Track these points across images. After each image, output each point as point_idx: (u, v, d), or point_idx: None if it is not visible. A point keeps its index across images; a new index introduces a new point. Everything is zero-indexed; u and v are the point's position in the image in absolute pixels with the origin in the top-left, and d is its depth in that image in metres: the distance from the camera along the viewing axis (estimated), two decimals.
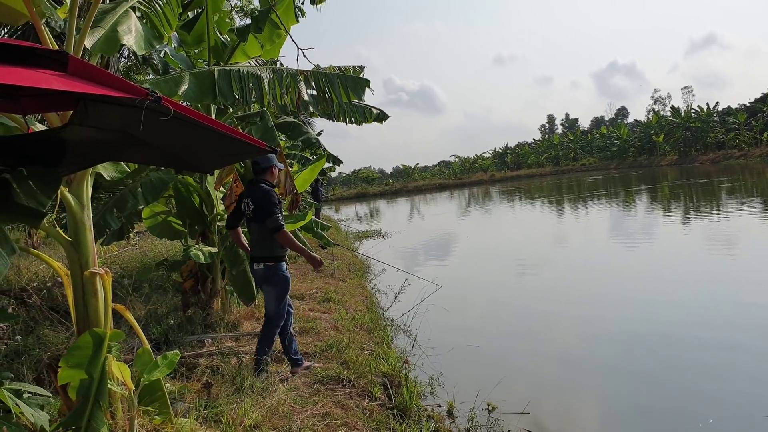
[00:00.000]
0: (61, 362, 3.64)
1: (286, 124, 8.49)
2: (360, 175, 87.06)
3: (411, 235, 22.51)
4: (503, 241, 19.02)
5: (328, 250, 14.42)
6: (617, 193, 33.17)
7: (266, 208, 5.29)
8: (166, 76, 5.26)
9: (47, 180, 3.39)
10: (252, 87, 5.38)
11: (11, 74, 2.19)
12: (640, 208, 24.21)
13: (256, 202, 5.36)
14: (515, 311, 9.58)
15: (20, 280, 8.22)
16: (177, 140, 2.98)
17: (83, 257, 4.07)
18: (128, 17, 4.59)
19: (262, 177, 5.54)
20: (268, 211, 5.26)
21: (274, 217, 5.23)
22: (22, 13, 3.58)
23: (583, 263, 13.28)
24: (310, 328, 7.13)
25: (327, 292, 9.53)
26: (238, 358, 5.86)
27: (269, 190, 5.40)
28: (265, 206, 5.29)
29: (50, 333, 5.95)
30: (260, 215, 5.31)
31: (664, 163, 65.64)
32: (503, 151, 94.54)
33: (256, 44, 7.28)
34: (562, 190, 43.50)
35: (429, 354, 7.09)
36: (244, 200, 5.52)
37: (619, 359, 6.84)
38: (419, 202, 49.90)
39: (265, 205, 5.30)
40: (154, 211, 7.26)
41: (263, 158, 5.46)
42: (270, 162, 5.51)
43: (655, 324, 7.88)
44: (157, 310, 7.53)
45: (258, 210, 5.33)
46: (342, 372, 5.54)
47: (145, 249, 12.40)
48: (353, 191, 75.51)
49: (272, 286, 5.38)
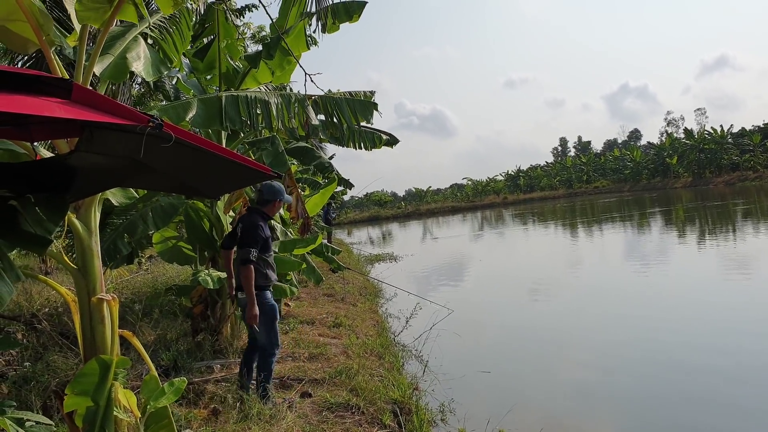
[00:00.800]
0: (67, 389, 3.62)
1: (298, 150, 8.52)
2: (372, 198, 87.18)
3: (423, 259, 22.43)
4: (516, 264, 18.89)
5: (339, 274, 14.40)
6: (631, 216, 32.90)
7: (245, 238, 5.27)
8: (175, 102, 5.29)
9: (54, 207, 3.39)
10: (260, 112, 5.39)
11: (15, 102, 2.20)
12: (654, 231, 23.99)
13: (243, 229, 5.36)
14: (528, 336, 9.45)
15: (31, 305, 8.24)
16: (182, 166, 2.97)
17: (91, 283, 4.06)
18: (137, 44, 4.64)
19: (262, 207, 5.53)
20: (246, 242, 5.24)
21: (247, 249, 5.19)
22: (32, 42, 3.62)
23: (598, 288, 13.12)
24: (319, 354, 7.07)
25: (337, 316, 9.47)
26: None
27: (258, 223, 5.37)
28: (246, 236, 5.28)
29: (60, 359, 5.94)
30: (241, 242, 5.30)
31: (678, 185, 65.17)
32: (516, 174, 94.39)
33: (267, 70, 7.34)
34: (576, 212, 43.25)
35: (440, 380, 6.99)
36: (239, 224, 5.52)
37: (634, 387, 6.72)
38: (432, 225, 49.81)
39: (247, 235, 5.28)
40: (164, 236, 7.27)
41: (269, 191, 5.46)
42: (275, 196, 5.50)
43: (672, 350, 7.73)
44: (166, 336, 7.51)
45: (241, 236, 5.32)
46: (351, 399, 5.47)
47: (157, 274, 12.43)
48: (366, 214, 75.58)
49: (259, 315, 5.27)
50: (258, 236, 5.31)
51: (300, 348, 7.34)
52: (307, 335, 8.12)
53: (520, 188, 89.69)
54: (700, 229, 22.40)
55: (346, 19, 7.04)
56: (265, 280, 5.36)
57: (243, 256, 5.20)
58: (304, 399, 5.55)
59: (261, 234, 5.35)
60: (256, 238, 5.29)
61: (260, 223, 5.40)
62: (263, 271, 5.35)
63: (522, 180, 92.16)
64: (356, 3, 7.03)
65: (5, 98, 2.19)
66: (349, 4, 7.07)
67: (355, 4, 7.03)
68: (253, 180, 4.35)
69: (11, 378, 5.40)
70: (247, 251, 5.19)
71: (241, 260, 5.23)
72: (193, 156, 2.77)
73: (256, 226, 5.35)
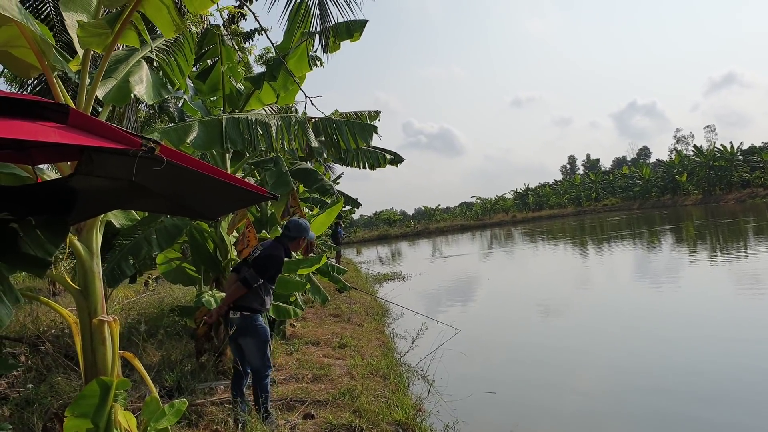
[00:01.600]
0: (67, 411, 3.62)
1: (301, 171, 8.56)
2: (381, 216, 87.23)
3: (431, 278, 22.36)
4: (525, 283, 18.78)
5: (346, 294, 14.37)
6: (641, 234, 32.71)
7: (261, 264, 5.29)
8: (177, 124, 5.35)
9: (55, 229, 3.42)
10: (261, 134, 5.44)
11: (12, 128, 2.23)
12: (665, 248, 23.83)
13: (262, 255, 5.38)
14: (535, 357, 9.37)
15: (37, 327, 8.27)
16: (179, 188, 3.00)
17: (92, 305, 4.08)
18: (140, 67, 4.70)
19: (287, 242, 5.53)
20: (259, 268, 5.25)
21: (254, 275, 5.21)
22: (35, 66, 3.68)
23: (608, 308, 12.98)
24: (323, 375, 7.04)
25: (343, 337, 9.44)
26: (249, 406, 5.77)
27: (278, 255, 5.39)
28: (262, 263, 5.30)
29: (63, 381, 5.95)
30: (254, 264, 5.30)
31: (688, 202, 64.81)
32: (524, 192, 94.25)
33: (271, 92, 7.42)
34: (585, 230, 43.07)
35: (446, 401, 6.93)
36: (258, 247, 5.55)
37: (643, 410, 6.63)
38: (441, 243, 49.72)
39: (263, 262, 5.30)
40: (168, 257, 7.31)
41: (295, 228, 5.49)
42: (300, 233, 5.51)
43: (683, 374, 7.61)
44: (171, 357, 7.50)
45: (256, 261, 5.33)
46: (354, 420, 5.43)
47: (163, 294, 12.45)
48: (375, 233, 75.58)
49: (250, 337, 5.25)
50: (273, 269, 5.36)
51: (304, 369, 7.32)
52: (311, 356, 8.09)
53: (529, 206, 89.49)
54: (711, 246, 22.24)
55: (347, 37, 7.11)
56: (261, 305, 5.35)
57: (248, 278, 5.20)
58: (307, 420, 5.52)
59: (277, 267, 5.41)
60: (269, 269, 5.33)
61: (280, 255, 5.43)
62: (262, 297, 5.35)
63: (531, 198, 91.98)
64: (357, 22, 7.11)
65: (3, 123, 2.23)
66: (351, 23, 7.14)
67: (356, 23, 7.10)
68: (251, 201, 4.39)
69: (13, 400, 5.40)
70: (255, 278, 5.20)
71: (242, 278, 5.23)
72: (189, 178, 2.80)
73: (276, 259, 5.38)
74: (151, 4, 3.79)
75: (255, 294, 5.26)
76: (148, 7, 3.80)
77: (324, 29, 6.63)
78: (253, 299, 5.26)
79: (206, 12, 5.49)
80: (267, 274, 5.30)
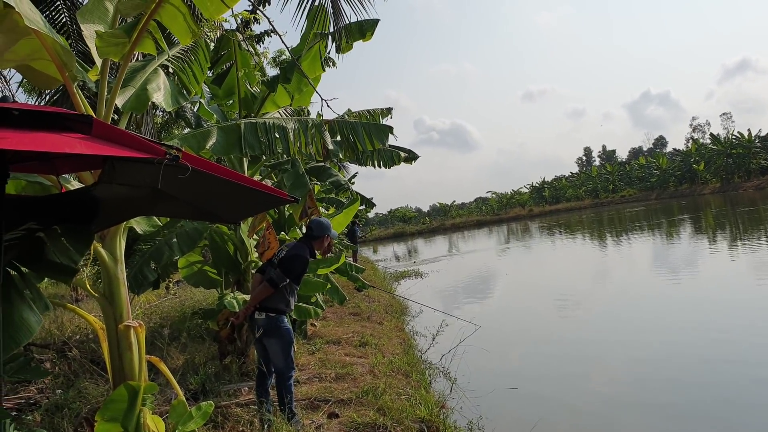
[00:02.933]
0: (97, 416, 3.68)
1: (315, 169, 8.63)
2: (397, 214, 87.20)
3: (449, 274, 22.36)
4: (544, 277, 18.69)
5: (365, 292, 14.41)
6: (660, 225, 32.41)
7: (287, 265, 5.32)
8: (195, 130, 5.40)
9: (80, 237, 3.48)
10: (278, 138, 5.48)
11: (39, 140, 2.28)
12: (686, 239, 23.59)
13: (287, 255, 5.41)
14: (557, 351, 9.34)
15: (63, 333, 8.39)
16: (201, 194, 3.04)
17: (117, 311, 4.14)
18: (157, 75, 4.76)
19: (311, 242, 5.57)
20: (285, 268, 5.29)
21: (281, 275, 5.25)
22: (56, 78, 3.74)
23: (628, 301, 12.85)
24: (345, 374, 7.07)
25: (363, 335, 9.47)
26: (273, 407, 5.82)
27: (303, 256, 5.41)
28: (288, 263, 5.33)
29: (90, 386, 6.03)
30: (279, 264, 5.35)
31: (707, 191, 64.07)
32: (541, 186, 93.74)
33: (285, 94, 7.46)
34: (603, 223, 42.76)
35: (468, 397, 6.93)
36: (283, 248, 5.59)
37: (666, 405, 6.59)
38: (457, 239, 49.64)
39: (289, 263, 5.33)
40: (189, 260, 7.38)
41: (318, 227, 5.51)
42: (323, 232, 5.53)
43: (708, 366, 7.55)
44: (194, 359, 7.58)
45: (282, 261, 5.37)
46: (378, 419, 5.45)
47: (184, 298, 12.57)
48: (391, 231, 75.58)
49: (276, 339, 5.28)
50: (298, 269, 5.39)
51: (326, 368, 7.36)
52: (333, 355, 8.13)
53: (546, 200, 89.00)
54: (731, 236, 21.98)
55: (359, 37, 7.11)
56: (287, 306, 5.39)
57: (274, 278, 5.24)
58: (332, 420, 5.55)
59: (302, 267, 5.45)
60: (295, 269, 5.36)
61: (306, 256, 5.46)
62: (287, 297, 5.39)
63: (547, 191, 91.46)
64: (369, 21, 7.11)
65: (29, 136, 2.28)
66: (363, 23, 7.15)
67: (368, 22, 7.11)
68: (271, 205, 4.42)
69: (44, 406, 5.49)
70: (281, 278, 5.24)
71: (268, 279, 5.27)
72: (211, 184, 2.84)
73: (301, 259, 5.41)
74: (167, 12, 3.83)
75: (280, 295, 5.30)
76: (164, 14, 3.84)
77: (337, 29, 6.65)
78: (279, 300, 5.31)
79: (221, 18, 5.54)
80: (293, 274, 5.34)
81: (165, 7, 3.79)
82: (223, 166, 2.70)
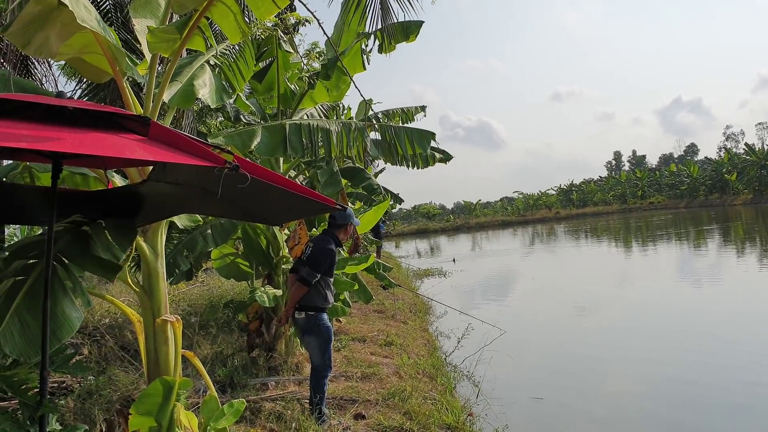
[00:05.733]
0: (132, 408, 3.71)
1: (349, 170, 8.61)
2: (421, 210, 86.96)
3: (473, 274, 22.23)
4: (570, 283, 18.43)
5: (390, 291, 14.39)
6: (688, 234, 31.87)
7: (313, 259, 5.36)
8: (240, 129, 5.43)
9: (124, 233, 3.50)
10: (321, 140, 5.49)
11: (98, 141, 2.28)
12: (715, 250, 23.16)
13: (313, 250, 5.46)
14: (583, 362, 9.20)
15: (93, 318, 8.50)
16: (250, 196, 3.03)
17: (155, 305, 4.17)
18: (204, 71, 4.77)
19: (335, 231, 5.60)
20: (312, 264, 5.33)
21: (310, 271, 5.28)
22: (107, 72, 3.76)
23: (661, 312, 12.51)
24: (372, 374, 7.07)
25: (389, 335, 9.46)
26: (300, 404, 5.84)
27: (329, 247, 5.44)
28: (314, 258, 5.37)
29: (120, 374, 6.10)
30: (307, 262, 5.38)
31: (737, 202, 62.72)
32: (569, 188, 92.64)
33: (323, 90, 7.45)
34: (631, 229, 42.17)
35: (493, 404, 6.88)
36: (309, 244, 5.63)
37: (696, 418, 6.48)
38: (481, 239, 49.37)
39: (315, 257, 5.37)
40: (222, 252, 7.42)
41: (340, 215, 5.51)
42: (346, 220, 5.57)
43: (750, 388, 7.39)
44: (222, 351, 7.63)
45: (309, 257, 5.41)
46: (405, 423, 5.44)
47: (212, 286, 12.65)
48: (414, 227, 75.42)
49: (314, 336, 5.37)
50: (326, 261, 5.41)
51: (353, 367, 7.36)
52: (359, 353, 8.14)
53: (573, 203, 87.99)
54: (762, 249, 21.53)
55: (403, 39, 7.08)
56: (325, 302, 5.43)
57: (305, 276, 5.28)
58: (358, 421, 5.55)
59: (330, 259, 5.45)
60: (323, 262, 5.38)
61: (332, 248, 5.48)
62: (323, 292, 5.43)
63: (575, 194, 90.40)
64: (413, 23, 7.06)
65: (87, 137, 2.28)
66: (407, 24, 7.10)
67: (412, 24, 7.06)
68: (317, 211, 4.42)
69: (77, 392, 5.57)
70: (311, 274, 5.28)
71: (299, 278, 5.32)
72: (261, 188, 2.83)
73: (327, 251, 5.44)
74: (218, 10, 3.84)
75: (316, 291, 5.36)
76: (215, 12, 3.85)
77: (384, 26, 6.61)
78: (316, 297, 5.37)
79: (272, 19, 5.54)
80: (321, 268, 5.37)
81: (217, 6, 3.80)
82: (275, 173, 2.68)
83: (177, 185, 3.19)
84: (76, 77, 10.18)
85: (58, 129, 2.32)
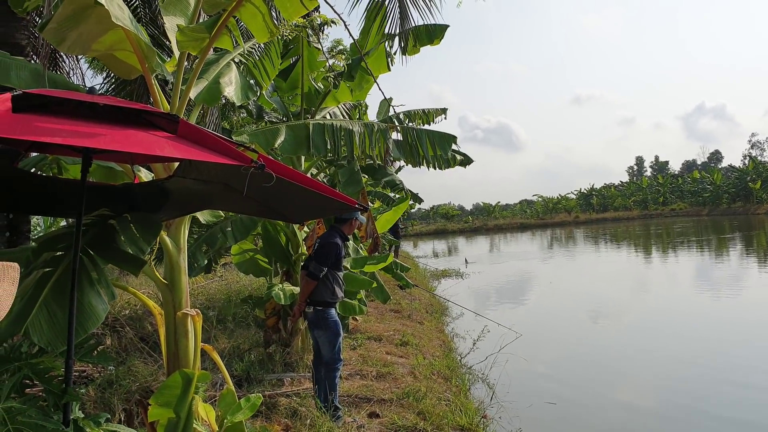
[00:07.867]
0: (152, 400, 3.77)
1: (370, 167, 8.67)
2: (439, 211, 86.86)
3: (490, 276, 22.16)
4: (588, 288, 18.30)
5: (407, 291, 14.41)
6: (710, 242, 31.48)
7: (319, 253, 5.50)
8: (264, 127, 5.50)
9: (149, 226, 3.56)
10: (343, 140, 5.57)
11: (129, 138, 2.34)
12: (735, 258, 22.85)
13: (319, 245, 5.60)
14: (598, 368, 9.15)
15: (114, 309, 8.62)
16: (273, 194, 3.08)
17: (177, 298, 4.23)
18: (230, 69, 4.84)
19: (339, 226, 5.74)
20: (319, 258, 5.46)
21: (318, 266, 5.41)
22: (136, 68, 3.84)
23: (679, 320, 12.40)
24: (387, 373, 7.10)
25: (404, 334, 9.49)
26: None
27: (334, 241, 5.58)
28: (320, 252, 5.51)
29: (140, 365, 6.20)
30: (314, 256, 5.52)
31: (761, 211, 61.67)
32: (589, 192, 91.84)
33: (346, 90, 7.50)
34: (651, 235, 41.73)
35: (507, 408, 6.88)
36: (317, 240, 5.76)
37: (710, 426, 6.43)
38: (499, 241, 49.18)
39: (321, 252, 5.51)
40: (242, 248, 7.51)
41: None
42: (351, 215, 5.67)
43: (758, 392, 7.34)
44: (239, 346, 7.71)
45: (315, 252, 5.56)
46: (419, 423, 5.47)
47: (230, 281, 12.77)
48: (432, 227, 75.35)
49: (323, 330, 5.51)
50: (331, 255, 5.53)
51: (368, 365, 7.40)
52: (374, 352, 8.18)
53: (593, 207, 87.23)
54: None
55: (428, 42, 7.10)
56: (332, 296, 5.55)
57: (312, 270, 5.43)
58: (372, 419, 5.59)
59: (335, 252, 5.56)
60: (329, 256, 5.51)
61: (336, 241, 5.62)
62: (331, 286, 5.54)
63: (595, 199, 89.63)
64: (438, 26, 7.08)
65: (119, 134, 2.34)
66: (432, 28, 7.12)
67: (437, 27, 7.08)
68: (339, 211, 4.48)
69: (97, 380, 5.67)
70: (318, 268, 5.42)
71: (308, 272, 5.46)
72: (285, 187, 2.87)
73: (332, 245, 5.57)
74: (247, 10, 3.89)
75: (324, 285, 5.49)
76: (244, 12, 3.91)
77: (403, 31, 6.64)
78: (324, 292, 5.50)
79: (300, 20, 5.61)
80: (328, 261, 5.50)
81: (246, 6, 3.86)
82: (298, 171, 2.72)
83: (202, 182, 3.25)
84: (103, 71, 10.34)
85: (92, 125, 2.38)
